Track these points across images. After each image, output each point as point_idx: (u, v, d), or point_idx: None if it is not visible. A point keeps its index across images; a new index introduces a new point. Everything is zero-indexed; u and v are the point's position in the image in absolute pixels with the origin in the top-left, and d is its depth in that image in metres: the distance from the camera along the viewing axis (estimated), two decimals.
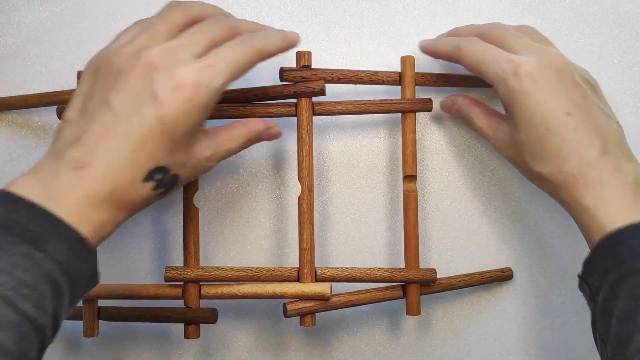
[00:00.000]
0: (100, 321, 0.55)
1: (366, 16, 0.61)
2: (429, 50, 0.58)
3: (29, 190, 0.40)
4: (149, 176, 0.43)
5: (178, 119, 0.43)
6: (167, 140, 0.43)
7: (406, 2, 0.61)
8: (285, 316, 0.53)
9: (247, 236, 0.60)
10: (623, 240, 0.45)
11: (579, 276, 0.49)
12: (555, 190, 0.50)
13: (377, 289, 0.56)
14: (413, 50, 0.58)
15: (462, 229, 0.61)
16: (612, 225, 0.46)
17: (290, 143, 0.60)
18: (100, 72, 0.45)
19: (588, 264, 0.48)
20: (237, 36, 0.48)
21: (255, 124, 0.52)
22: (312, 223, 0.55)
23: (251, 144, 0.52)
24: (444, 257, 0.60)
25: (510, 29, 0.55)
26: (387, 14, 0.61)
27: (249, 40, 0.48)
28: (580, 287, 0.49)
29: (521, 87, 0.49)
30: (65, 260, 0.39)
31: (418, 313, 0.56)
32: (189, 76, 0.43)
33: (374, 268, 0.56)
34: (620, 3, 0.62)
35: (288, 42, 0.50)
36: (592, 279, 0.47)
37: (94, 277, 0.43)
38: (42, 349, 0.40)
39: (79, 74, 0.55)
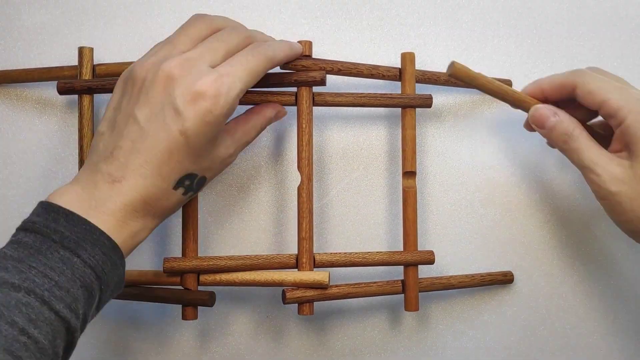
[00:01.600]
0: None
1: (369, 12, 0.62)
2: (534, 89, 0.54)
3: (69, 202, 0.43)
4: (179, 184, 0.47)
5: (200, 131, 0.45)
6: (191, 150, 0.46)
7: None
8: (284, 303, 0.53)
9: (246, 224, 0.59)
10: None
11: None
12: None
13: (376, 283, 0.56)
14: (414, 47, 0.59)
15: (463, 229, 0.61)
16: None
17: (290, 133, 0.60)
18: (128, 84, 0.47)
19: None
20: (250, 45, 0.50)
21: (267, 112, 0.54)
22: (311, 212, 0.55)
23: (263, 130, 0.54)
24: (445, 258, 0.60)
25: (608, 73, 0.53)
26: (390, 10, 0.62)
27: (260, 48, 0.50)
28: None
29: None
30: (99, 265, 0.42)
31: (416, 309, 0.56)
32: (207, 87, 0.45)
33: (372, 252, 0.56)
34: (620, 5, 0.63)
35: (294, 51, 0.54)
36: None
37: (121, 283, 0.46)
38: (69, 350, 0.42)
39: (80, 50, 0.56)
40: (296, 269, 0.54)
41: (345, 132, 0.61)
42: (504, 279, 0.60)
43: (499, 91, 0.53)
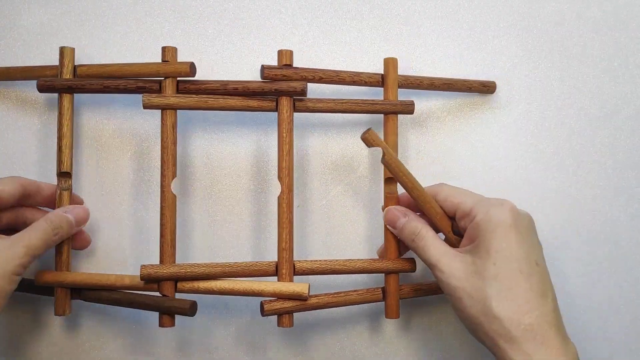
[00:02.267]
0: (79, 304, 0.56)
1: (351, 18, 0.61)
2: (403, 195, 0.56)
3: None
4: None
5: None
6: None
7: (394, 4, 0.62)
8: (262, 315, 0.53)
9: (226, 232, 0.59)
10: None
11: None
12: (506, 340, 0.46)
13: (356, 292, 0.56)
14: (397, 52, 0.59)
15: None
16: None
17: (271, 140, 0.60)
18: None
19: None
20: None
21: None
22: (291, 222, 0.54)
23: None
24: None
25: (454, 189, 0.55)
26: (371, 16, 0.61)
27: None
28: None
29: (504, 219, 0.49)
30: None
31: (397, 316, 0.56)
32: None
33: (352, 260, 0.56)
34: (620, 7, 0.63)
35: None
36: None
37: None
38: None
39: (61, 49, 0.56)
40: (276, 277, 0.54)
41: (327, 138, 0.60)
42: None
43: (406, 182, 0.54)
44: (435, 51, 0.61)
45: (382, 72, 0.58)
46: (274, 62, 0.57)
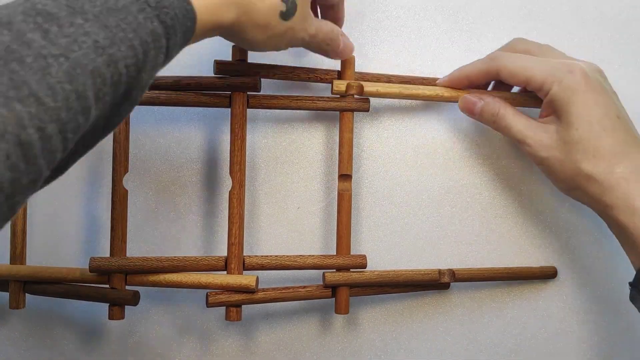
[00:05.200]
0: (30, 297, 0.56)
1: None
2: (459, 77, 0.57)
3: None
4: None
5: None
6: None
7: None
8: (207, 306, 0.54)
9: (178, 226, 0.60)
10: None
11: (631, 284, 0.50)
12: (604, 193, 0.50)
13: (305, 288, 0.56)
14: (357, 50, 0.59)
15: (398, 234, 0.61)
16: None
17: (224, 135, 0.60)
18: None
19: None
20: None
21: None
22: (241, 217, 0.55)
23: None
24: (379, 263, 0.60)
25: (532, 43, 0.56)
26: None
27: None
28: (631, 296, 0.51)
29: (577, 85, 0.50)
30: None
31: (346, 312, 0.56)
32: None
33: (303, 255, 0.56)
34: (620, 8, 0.63)
35: None
36: None
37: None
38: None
39: None
40: (225, 272, 0.55)
41: (282, 134, 0.61)
42: (440, 285, 0.60)
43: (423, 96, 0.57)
44: (394, 46, 0.62)
45: (339, 69, 0.58)
46: (229, 58, 0.57)
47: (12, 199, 0.31)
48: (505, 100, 0.56)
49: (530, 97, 0.57)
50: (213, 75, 0.55)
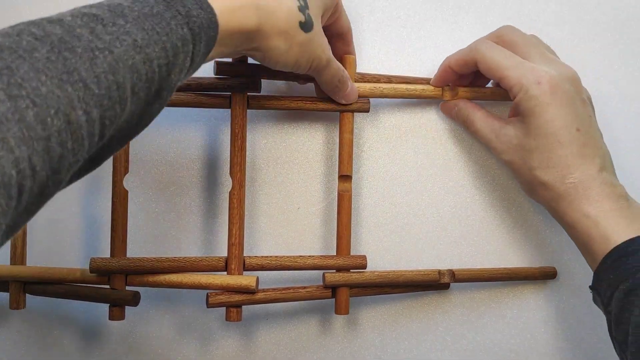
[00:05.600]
0: (30, 298, 0.56)
1: None
2: (444, 68, 0.58)
3: None
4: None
5: None
6: None
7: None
8: (207, 306, 0.54)
9: (178, 226, 0.60)
10: (633, 251, 0.48)
11: (591, 287, 0.52)
12: (556, 200, 0.52)
13: (305, 289, 0.56)
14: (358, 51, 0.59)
15: (398, 234, 0.61)
16: (616, 235, 0.49)
17: (225, 135, 0.60)
18: None
19: (598, 274, 0.50)
20: None
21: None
22: (242, 218, 0.55)
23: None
24: (379, 263, 0.60)
25: (520, 34, 0.57)
26: None
27: None
28: (594, 298, 0.52)
29: (541, 97, 0.52)
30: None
31: (346, 312, 0.57)
32: None
33: (303, 256, 0.56)
34: (621, 8, 0.63)
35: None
36: (602, 289, 0.50)
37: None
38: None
39: None
40: (225, 272, 0.55)
41: (282, 135, 0.61)
42: (439, 286, 0.60)
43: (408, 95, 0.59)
44: (392, 48, 0.62)
45: None
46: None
47: (58, 174, 0.33)
48: (480, 100, 0.59)
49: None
50: (213, 75, 0.55)
